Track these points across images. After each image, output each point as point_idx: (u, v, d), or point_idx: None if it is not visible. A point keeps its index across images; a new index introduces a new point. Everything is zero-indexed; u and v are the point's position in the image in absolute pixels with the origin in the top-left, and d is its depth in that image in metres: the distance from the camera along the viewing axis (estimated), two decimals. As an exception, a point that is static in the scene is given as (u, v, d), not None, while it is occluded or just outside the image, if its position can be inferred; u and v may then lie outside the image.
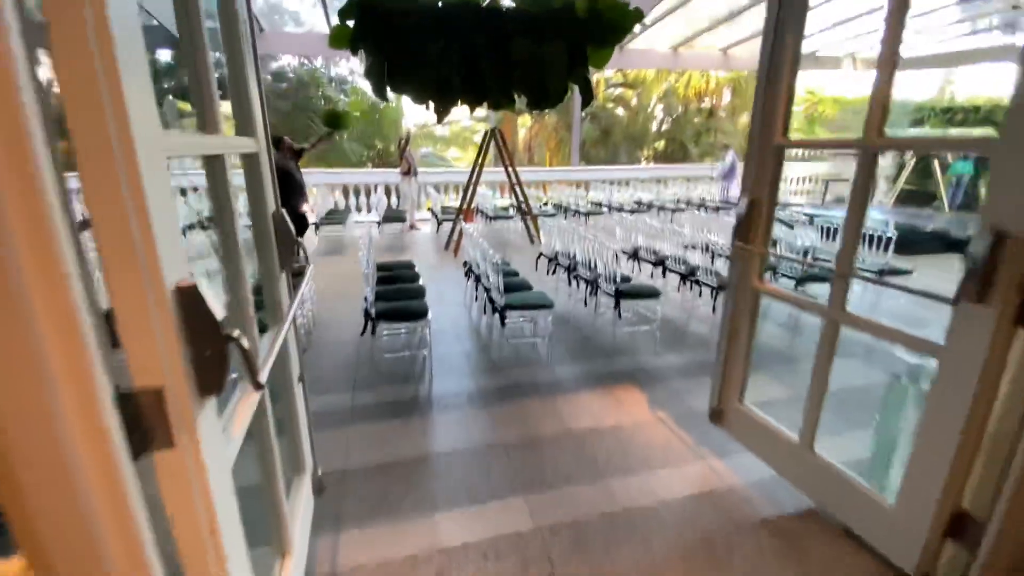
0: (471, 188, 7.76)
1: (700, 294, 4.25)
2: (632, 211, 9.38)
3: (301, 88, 16.17)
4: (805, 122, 27.38)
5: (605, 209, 9.64)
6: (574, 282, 4.64)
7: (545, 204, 10.15)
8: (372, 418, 2.94)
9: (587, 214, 9.09)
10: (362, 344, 3.82)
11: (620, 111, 19.40)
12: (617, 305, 3.75)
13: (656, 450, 2.62)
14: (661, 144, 21.23)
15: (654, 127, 21.31)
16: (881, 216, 10.62)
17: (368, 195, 10.42)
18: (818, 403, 1.97)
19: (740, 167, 12.42)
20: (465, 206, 7.88)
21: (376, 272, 4.24)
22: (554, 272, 4.98)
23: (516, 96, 5.64)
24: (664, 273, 4.72)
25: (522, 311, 3.64)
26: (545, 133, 18.87)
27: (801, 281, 4.14)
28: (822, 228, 5.53)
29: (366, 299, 3.42)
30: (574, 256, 4.61)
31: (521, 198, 8.11)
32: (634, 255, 5.11)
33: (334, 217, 8.46)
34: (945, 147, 10.86)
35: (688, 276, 4.36)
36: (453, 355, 3.77)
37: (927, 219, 10.00)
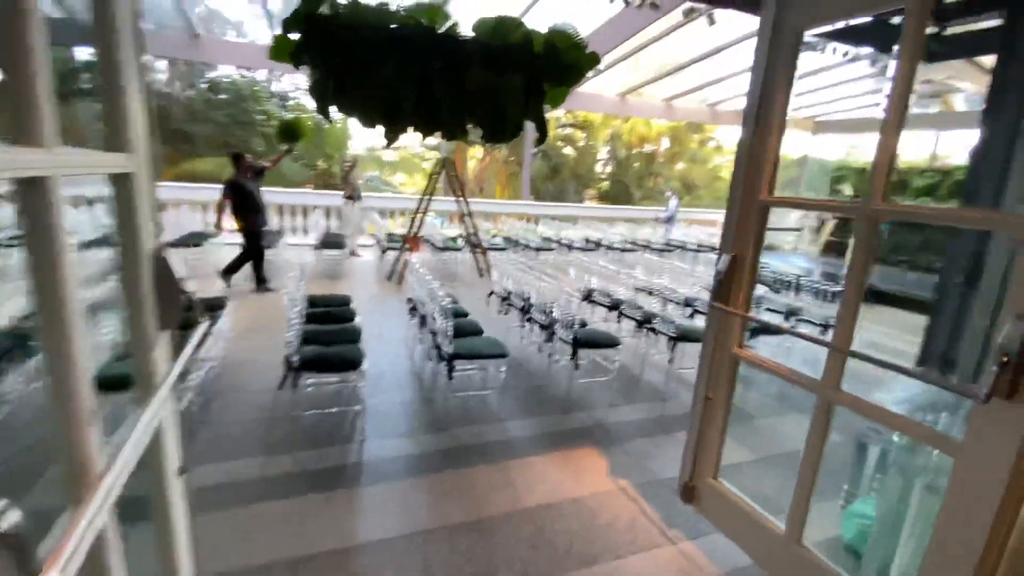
0: (419, 216, 7.40)
1: (656, 342, 4.12)
2: (583, 249, 9.36)
3: (240, 101, 15.26)
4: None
5: (555, 245, 9.57)
6: (527, 324, 4.36)
7: (495, 236, 9.94)
8: (286, 493, 2.42)
9: (538, 249, 8.95)
10: (281, 397, 3.28)
11: (569, 150, 19.94)
12: (575, 354, 3.49)
13: (622, 532, 2.31)
14: (606, 185, 21.97)
15: (599, 168, 22.09)
16: (807, 264, 11.36)
17: (305, 216, 9.76)
18: (808, 491, 1.76)
19: (674, 210, 13.06)
20: (412, 234, 7.50)
21: (306, 308, 3.74)
22: (506, 313, 4.69)
23: (470, 127, 5.43)
24: (619, 318, 4.56)
25: (473, 360, 3.30)
26: (496, 166, 18.99)
27: (754, 333, 4.10)
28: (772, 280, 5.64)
29: (289, 343, 2.93)
30: (528, 297, 4.35)
31: (471, 229, 7.84)
32: (587, 297, 4.93)
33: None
34: (951, 220, 11.97)
35: (644, 323, 4.22)
36: (390, 408, 3.31)
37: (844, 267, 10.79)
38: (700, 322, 4.78)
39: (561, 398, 3.64)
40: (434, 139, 5.71)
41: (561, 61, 5.21)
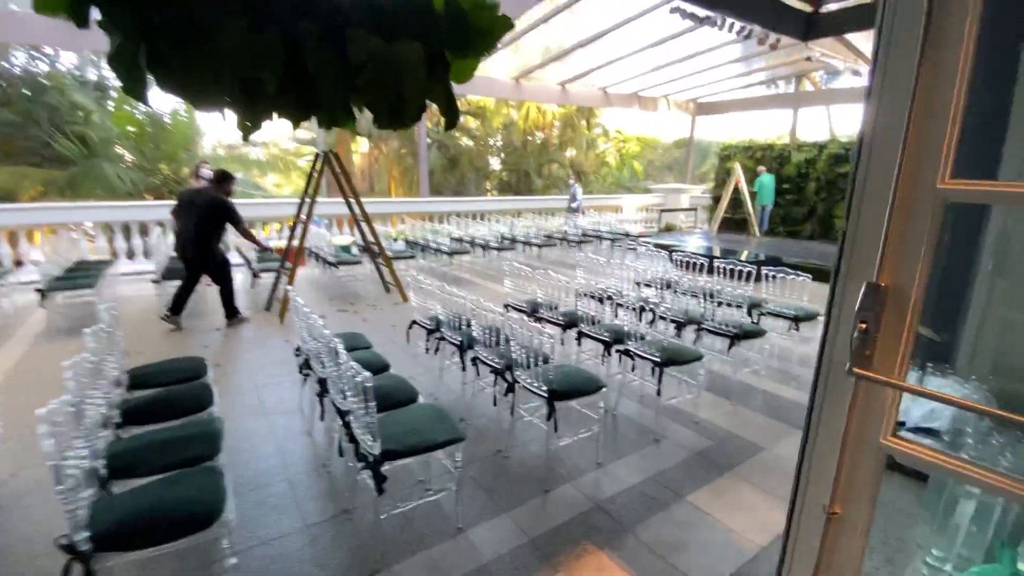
0: (302, 224, 5.95)
1: (633, 367, 3.38)
2: (499, 247, 8.46)
3: (37, 92, 11.90)
4: (619, 161, 30.87)
5: (468, 246, 8.57)
6: (471, 364, 3.34)
7: (396, 240, 8.67)
8: None
9: (451, 253, 7.88)
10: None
11: (467, 140, 18.90)
12: (552, 414, 2.56)
13: None
14: (505, 175, 21.35)
15: (497, 157, 21.38)
16: (706, 243, 11.69)
17: (144, 236, 7.63)
18: None
19: (580, 198, 12.64)
20: (294, 247, 6.01)
21: (121, 398, 2.36)
22: (436, 350, 3.63)
23: (357, 111, 4.23)
24: (579, 339, 3.75)
25: (414, 455, 2.20)
26: (387, 160, 17.30)
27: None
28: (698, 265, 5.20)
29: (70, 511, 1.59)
30: (468, 326, 3.33)
31: (368, 235, 6.53)
32: (534, 313, 4.05)
33: (77, 275, 5.61)
34: None
35: (614, 345, 3.44)
36: (277, 550, 2.13)
37: (745, 244, 11.21)
38: (686, 337, 4.15)
39: (538, 471, 2.70)
40: (307, 131, 4.35)
41: (468, 25, 4.16)
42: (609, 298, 3.75)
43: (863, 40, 10.34)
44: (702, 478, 2.66)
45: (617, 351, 3.39)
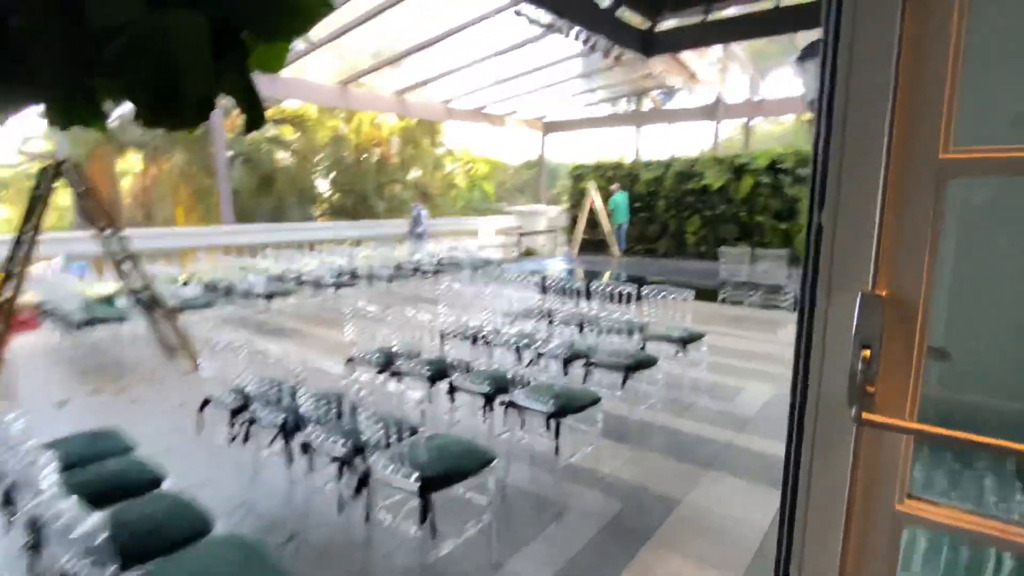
0: (21, 268, 4.53)
1: (522, 423, 3.02)
2: (337, 283, 7.64)
3: None
4: (468, 182, 31.77)
5: (293, 284, 7.59)
6: (299, 449, 2.65)
7: (186, 284, 7.29)
8: None
9: (269, 296, 6.85)
10: None
11: (285, 156, 17.40)
12: (426, 514, 2.02)
13: None
14: (337, 197, 20.21)
15: (325, 177, 20.16)
16: (569, 265, 12.34)
17: None
18: None
19: (427, 222, 12.24)
20: (7, 302, 4.54)
21: None
22: (247, 437, 2.85)
23: (109, 102, 3.31)
24: (452, 394, 3.29)
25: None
26: (171, 179, 15.01)
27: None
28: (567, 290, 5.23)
29: None
30: (290, 396, 2.66)
31: (138, 280, 5.28)
32: (386, 367, 3.50)
33: None
34: None
35: (495, 397, 3.07)
36: None
37: (607, 264, 12.05)
38: (574, 374, 3.93)
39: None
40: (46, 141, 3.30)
41: (272, -3, 3.57)
42: (483, 338, 3.41)
43: (695, 59, 12.08)
44: (621, 557, 2.40)
45: (501, 403, 3.03)
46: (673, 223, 12.65)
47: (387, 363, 3.55)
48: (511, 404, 2.99)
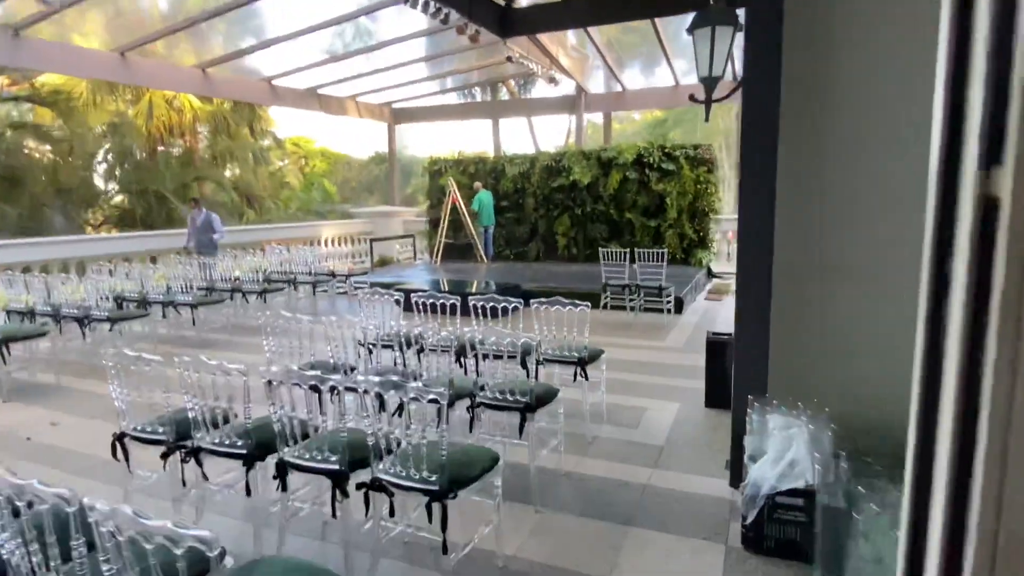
0: None
1: (391, 510, 2.31)
2: (111, 319, 6.13)
3: None
4: (304, 178, 29.59)
5: (50, 321, 5.98)
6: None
7: None
8: None
9: (5, 340, 5.23)
10: None
11: (39, 145, 14.38)
12: None
13: None
14: (121, 200, 17.35)
15: (102, 175, 17.19)
16: (432, 276, 11.74)
17: None
18: None
19: (222, 229, 9.79)
20: None
21: None
22: None
23: None
24: (282, 484, 2.48)
25: None
26: None
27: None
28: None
29: None
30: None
31: None
32: (177, 448, 2.58)
33: None
34: None
35: (352, 470, 2.35)
36: None
37: (475, 272, 11.67)
38: (456, 421, 3.29)
39: None
40: None
41: None
42: (327, 385, 2.66)
43: (554, 45, 12.20)
44: None
45: (359, 487, 2.33)
46: (543, 224, 12.64)
47: (180, 438, 2.64)
48: (373, 485, 2.30)
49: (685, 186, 11.38)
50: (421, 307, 4.71)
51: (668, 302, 7.52)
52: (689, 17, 12.11)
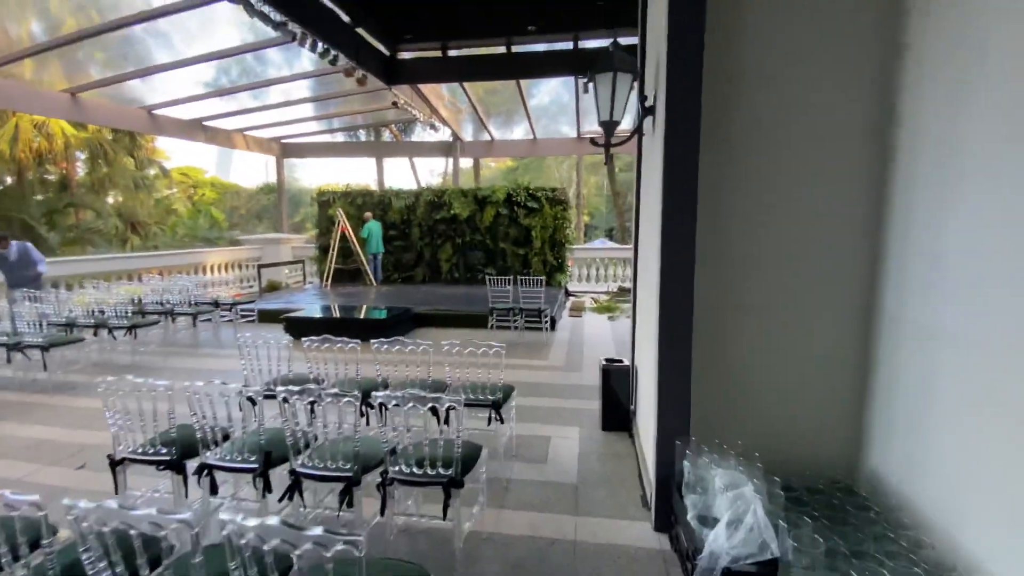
0: None
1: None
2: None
3: None
4: (197, 211, 25.39)
5: None
6: None
7: None
8: None
9: None
10: None
11: None
12: None
13: None
14: (-27, 225, 13.22)
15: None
16: (323, 301, 10.14)
17: None
18: None
19: (40, 259, 7.11)
20: None
21: None
22: None
23: None
24: None
25: None
26: None
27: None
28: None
29: None
30: None
31: None
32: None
33: None
34: None
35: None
36: None
37: (365, 296, 10.29)
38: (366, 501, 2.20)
39: None
40: None
41: None
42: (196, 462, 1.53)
43: (434, 96, 11.30)
44: None
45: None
46: (428, 251, 11.63)
47: None
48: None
49: (546, 221, 11.12)
50: (313, 338, 3.56)
51: (546, 322, 6.94)
52: (546, 81, 11.81)
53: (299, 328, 7.28)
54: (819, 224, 2.48)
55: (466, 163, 22.46)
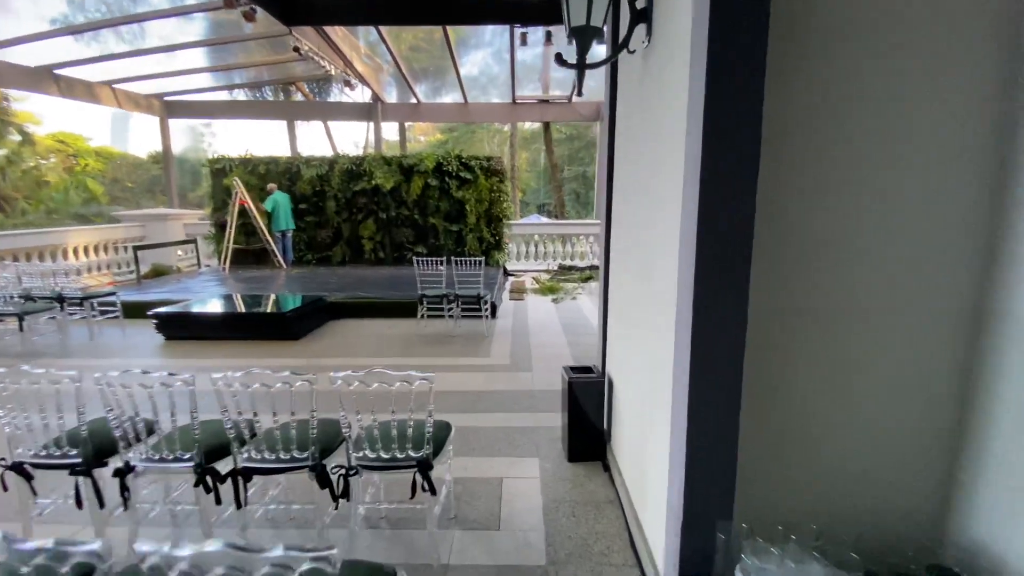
0: None
1: None
2: None
3: None
4: (72, 183, 21.39)
5: None
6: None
7: None
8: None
9: None
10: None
11: None
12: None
13: None
14: None
15: None
16: (222, 288, 8.42)
17: None
18: None
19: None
20: None
21: None
22: None
23: None
24: None
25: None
26: None
27: None
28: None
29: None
30: None
31: None
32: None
33: None
34: None
35: None
36: None
37: (272, 280, 8.67)
38: None
39: None
40: None
41: None
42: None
43: (348, 46, 9.61)
44: None
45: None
46: (347, 228, 10.08)
47: None
48: None
49: (482, 194, 9.97)
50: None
51: (486, 309, 5.90)
52: (475, 51, 10.46)
53: (174, 326, 5.72)
54: (911, 208, 1.59)
55: (392, 135, 20.46)
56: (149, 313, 5.79)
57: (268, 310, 5.83)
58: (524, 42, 7.43)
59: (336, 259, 10.17)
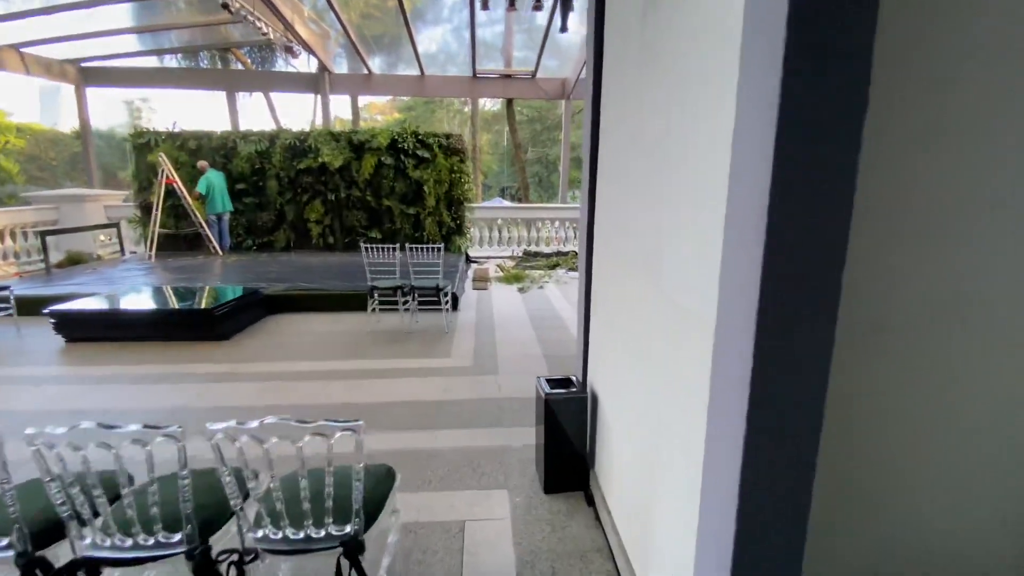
0: None
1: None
2: None
3: None
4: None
5: None
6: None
7: None
8: None
9: None
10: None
11: None
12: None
13: None
14: None
15: None
16: (146, 277, 7.41)
17: None
18: None
19: None
20: None
21: None
22: None
23: None
24: None
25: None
26: None
27: None
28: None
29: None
30: None
31: None
32: None
33: None
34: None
35: None
36: None
37: (207, 269, 7.72)
38: None
39: None
40: None
41: None
42: None
43: (289, 9, 8.58)
44: None
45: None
46: (291, 210, 9.14)
47: None
48: None
49: (441, 174, 9.23)
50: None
51: (446, 302, 5.29)
52: (432, 26, 9.63)
53: (75, 326, 4.83)
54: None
55: (344, 112, 19.12)
56: (45, 311, 4.86)
57: (192, 305, 5.01)
58: (485, 6, 6.72)
59: (279, 244, 9.23)
